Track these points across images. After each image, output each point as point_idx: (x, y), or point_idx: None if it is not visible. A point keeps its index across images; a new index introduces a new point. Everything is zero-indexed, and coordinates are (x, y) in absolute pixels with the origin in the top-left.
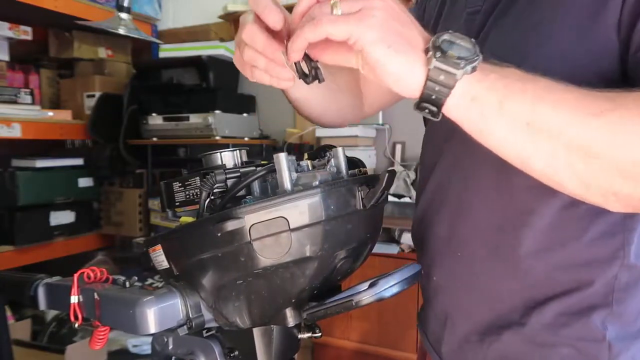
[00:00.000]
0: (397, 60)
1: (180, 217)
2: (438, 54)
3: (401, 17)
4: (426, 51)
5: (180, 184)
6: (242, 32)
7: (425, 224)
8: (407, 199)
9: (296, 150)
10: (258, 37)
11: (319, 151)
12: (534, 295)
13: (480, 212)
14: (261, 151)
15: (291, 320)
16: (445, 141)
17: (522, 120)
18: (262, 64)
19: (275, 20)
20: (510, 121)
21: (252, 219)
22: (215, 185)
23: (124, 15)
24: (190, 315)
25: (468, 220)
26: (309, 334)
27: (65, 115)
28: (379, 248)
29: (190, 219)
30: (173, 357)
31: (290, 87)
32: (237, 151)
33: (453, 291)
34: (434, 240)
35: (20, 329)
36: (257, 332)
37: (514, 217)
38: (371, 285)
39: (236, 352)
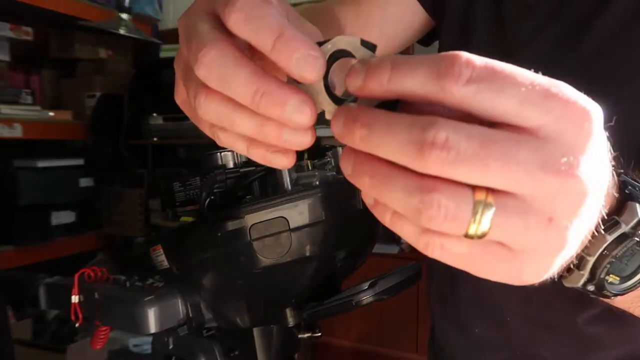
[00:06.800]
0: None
1: (180, 217)
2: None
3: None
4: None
5: (180, 184)
6: (199, 63)
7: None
8: None
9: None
10: (238, 72)
11: (319, 151)
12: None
13: None
14: None
15: (291, 320)
16: None
17: None
18: (249, 128)
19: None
20: None
21: (252, 219)
22: (215, 185)
23: (124, 16)
24: (191, 315)
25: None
26: (309, 334)
27: (66, 115)
28: (379, 248)
29: (190, 219)
30: (173, 357)
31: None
32: None
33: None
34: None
35: (21, 329)
36: (257, 332)
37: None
38: (371, 285)
39: (236, 352)
